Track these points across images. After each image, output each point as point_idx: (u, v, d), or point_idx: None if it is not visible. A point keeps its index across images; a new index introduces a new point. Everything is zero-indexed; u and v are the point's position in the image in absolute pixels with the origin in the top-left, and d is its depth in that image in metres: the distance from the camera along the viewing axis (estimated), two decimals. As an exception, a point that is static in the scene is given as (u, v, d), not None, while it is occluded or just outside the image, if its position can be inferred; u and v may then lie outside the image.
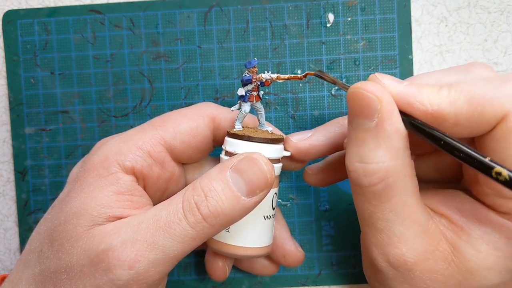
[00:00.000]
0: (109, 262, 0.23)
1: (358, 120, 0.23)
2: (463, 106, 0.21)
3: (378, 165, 0.22)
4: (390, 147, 0.22)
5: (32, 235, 0.27)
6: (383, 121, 0.22)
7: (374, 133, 0.22)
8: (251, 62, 0.27)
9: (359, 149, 0.23)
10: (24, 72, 0.37)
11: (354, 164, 0.23)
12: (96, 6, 0.37)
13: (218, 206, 0.24)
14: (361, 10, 0.36)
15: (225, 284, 0.37)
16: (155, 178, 0.27)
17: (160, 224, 0.24)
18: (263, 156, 0.25)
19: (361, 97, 0.22)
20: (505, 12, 0.36)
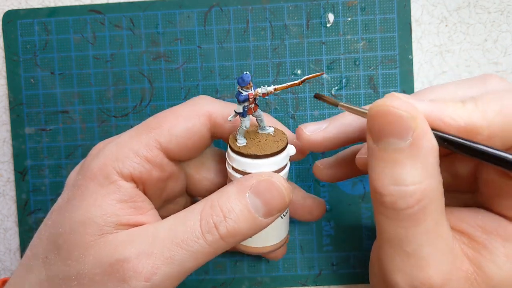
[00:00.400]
0: (124, 273, 0.23)
1: (387, 140, 0.21)
2: (495, 117, 0.21)
3: (416, 186, 0.21)
4: (426, 166, 0.21)
5: (33, 241, 0.27)
6: (419, 140, 0.21)
7: (409, 153, 0.21)
8: (244, 80, 0.25)
9: (392, 171, 0.21)
10: (24, 72, 0.37)
11: (389, 188, 0.21)
12: (96, 6, 0.37)
13: (236, 227, 0.24)
14: (361, 10, 0.36)
15: (225, 284, 0.37)
16: (154, 181, 0.27)
17: (177, 240, 0.24)
18: (282, 178, 0.25)
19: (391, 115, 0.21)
20: (505, 12, 0.36)
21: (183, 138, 0.27)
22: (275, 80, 0.36)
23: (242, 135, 0.26)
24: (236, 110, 0.25)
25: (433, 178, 0.21)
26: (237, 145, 0.26)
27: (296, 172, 0.37)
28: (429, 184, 0.21)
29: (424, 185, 0.21)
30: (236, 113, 0.26)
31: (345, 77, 0.36)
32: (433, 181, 0.21)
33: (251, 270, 0.37)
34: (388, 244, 0.23)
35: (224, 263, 0.37)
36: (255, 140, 0.27)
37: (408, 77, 0.36)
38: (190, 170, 0.31)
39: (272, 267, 0.37)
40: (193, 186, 0.31)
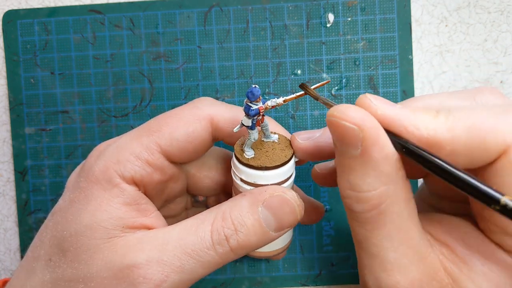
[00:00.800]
0: (134, 279, 0.23)
1: (342, 147, 0.21)
2: (461, 134, 0.20)
3: (370, 193, 0.21)
4: (379, 173, 0.21)
5: (34, 243, 0.27)
6: (368, 149, 0.21)
7: (360, 161, 0.21)
8: (254, 94, 0.24)
9: (348, 176, 0.22)
10: (24, 72, 0.37)
11: (346, 191, 0.22)
12: (96, 6, 0.37)
13: (247, 240, 0.24)
14: (361, 10, 0.36)
15: (225, 284, 0.37)
16: (155, 183, 0.27)
17: (187, 250, 0.24)
18: (295, 195, 0.26)
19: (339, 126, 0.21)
20: (505, 12, 0.36)
21: (184, 142, 0.27)
22: (275, 80, 0.36)
23: (249, 147, 0.26)
24: (244, 123, 0.25)
25: (389, 184, 0.21)
26: (246, 157, 0.26)
27: (296, 172, 0.37)
28: (384, 191, 0.21)
29: (379, 192, 0.21)
30: (242, 125, 0.25)
31: (345, 77, 0.36)
32: (389, 187, 0.21)
33: (251, 270, 0.37)
34: (357, 245, 0.23)
35: (224, 263, 0.37)
36: (262, 151, 0.27)
37: (408, 77, 0.36)
38: (191, 169, 0.31)
39: (272, 267, 0.37)
40: (194, 185, 0.31)
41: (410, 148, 0.21)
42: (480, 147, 0.20)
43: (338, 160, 0.22)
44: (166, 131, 0.27)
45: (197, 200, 0.34)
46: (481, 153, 0.20)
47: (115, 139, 0.28)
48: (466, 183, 0.19)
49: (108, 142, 0.29)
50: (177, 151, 0.27)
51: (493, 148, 0.20)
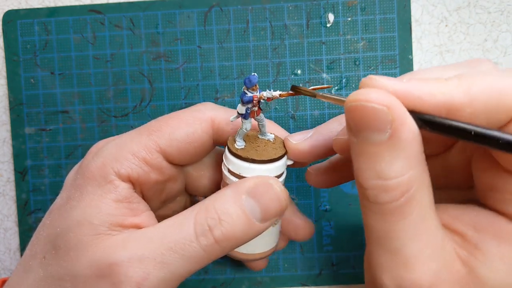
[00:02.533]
0: (115, 277, 0.23)
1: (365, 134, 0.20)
2: (478, 94, 0.19)
3: (399, 179, 0.20)
4: (408, 156, 0.20)
5: (32, 240, 0.27)
6: (398, 131, 0.19)
7: (388, 145, 0.20)
8: (251, 80, 0.24)
9: (373, 165, 0.20)
10: (24, 72, 0.37)
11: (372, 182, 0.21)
12: (96, 6, 0.37)
13: (232, 231, 0.24)
14: (361, 10, 0.36)
15: (225, 284, 0.37)
16: (152, 183, 0.27)
17: (170, 244, 0.23)
18: (278, 182, 0.25)
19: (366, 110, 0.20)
20: (505, 12, 0.36)
21: (183, 143, 0.27)
22: (275, 80, 0.36)
23: (241, 137, 0.26)
24: (238, 111, 0.25)
25: (416, 168, 0.20)
26: (235, 147, 0.26)
27: (297, 173, 0.37)
28: (413, 175, 0.20)
29: (408, 176, 0.20)
30: (238, 114, 0.25)
31: (345, 77, 0.36)
32: (417, 171, 0.20)
33: (251, 270, 0.37)
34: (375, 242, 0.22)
35: (224, 263, 0.37)
36: (254, 145, 0.26)
37: (408, 77, 0.36)
38: (188, 168, 0.30)
39: (272, 267, 0.37)
40: (191, 185, 0.31)
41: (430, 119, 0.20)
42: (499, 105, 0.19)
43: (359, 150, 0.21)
44: (166, 131, 0.27)
45: (197, 200, 0.34)
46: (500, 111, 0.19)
47: (115, 137, 0.28)
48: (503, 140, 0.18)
49: (107, 140, 0.28)
50: (176, 151, 0.27)
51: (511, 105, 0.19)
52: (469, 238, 0.22)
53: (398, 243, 0.21)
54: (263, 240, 0.28)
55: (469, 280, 0.21)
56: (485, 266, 0.21)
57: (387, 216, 0.21)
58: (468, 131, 0.19)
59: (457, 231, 0.22)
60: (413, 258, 0.21)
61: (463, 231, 0.22)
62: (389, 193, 0.20)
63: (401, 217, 0.21)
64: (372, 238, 0.22)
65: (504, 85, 0.19)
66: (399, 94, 0.20)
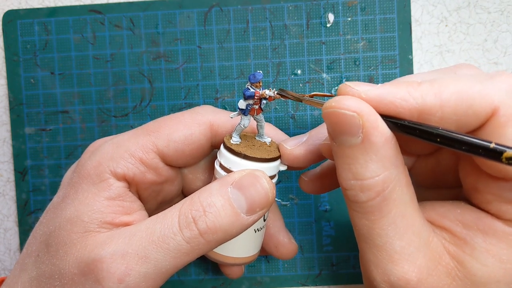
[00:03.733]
0: (97, 274, 0.23)
1: (341, 138, 0.21)
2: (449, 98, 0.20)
3: (374, 180, 0.21)
4: (381, 158, 0.21)
5: (29, 239, 0.27)
6: (369, 135, 0.21)
7: (362, 149, 0.21)
8: (256, 76, 0.25)
9: (350, 166, 0.22)
10: (24, 72, 0.37)
11: (349, 182, 0.22)
12: (96, 6, 0.37)
13: (217, 222, 0.23)
14: (361, 10, 0.36)
15: (225, 284, 0.37)
16: (148, 184, 0.27)
17: (153, 237, 0.23)
18: (265, 174, 0.25)
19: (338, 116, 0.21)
20: (505, 12, 0.36)
21: (181, 144, 0.27)
22: (275, 80, 0.36)
23: (238, 134, 0.26)
24: (239, 106, 0.26)
25: (391, 169, 0.21)
26: (230, 142, 0.26)
27: (296, 173, 0.37)
28: (387, 176, 0.21)
29: (382, 177, 0.21)
30: (239, 110, 0.26)
31: (345, 77, 0.36)
32: (392, 172, 0.21)
33: (251, 270, 0.37)
34: (361, 239, 0.23)
35: (224, 263, 0.37)
36: (249, 143, 0.27)
37: (408, 77, 0.36)
38: (186, 171, 0.30)
39: (272, 267, 0.37)
40: (187, 187, 0.31)
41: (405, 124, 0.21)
42: (469, 110, 0.20)
43: (338, 153, 0.22)
44: (164, 132, 0.27)
45: None
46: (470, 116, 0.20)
47: (112, 136, 0.28)
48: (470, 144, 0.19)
49: (104, 139, 0.28)
50: (173, 153, 0.27)
51: (482, 110, 0.20)
52: (458, 233, 0.22)
53: (381, 240, 0.22)
54: (244, 244, 0.28)
55: (458, 273, 0.22)
56: (474, 259, 0.22)
57: (367, 214, 0.22)
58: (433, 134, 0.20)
59: (445, 228, 0.23)
60: (397, 254, 0.22)
61: (451, 227, 0.23)
62: (365, 192, 0.21)
63: (380, 215, 0.22)
64: (359, 236, 0.23)
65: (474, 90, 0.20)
66: (372, 100, 0.21)
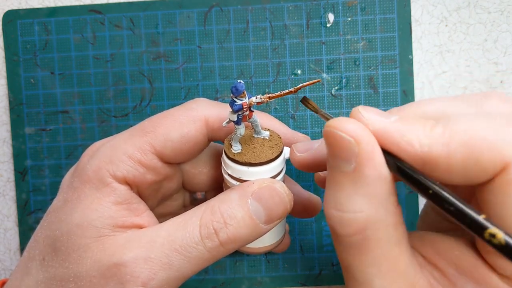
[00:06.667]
0: (121, 277, 0.23)
1: (335, 161, 0.20)
2: (457, 149, 0.18)
3: (356, 215, 0.20)
4: (370, 194, 0.20)
5: (30, 243, 0.27)
6: (362, 166, 0.19)
7: (352, 178, 0.20)
8: (238, 89, 0.24)
9: (335, 193, 0.20)
10: (24, 72, 0.37)
11: (330, 211, 0.21)
12: (96, 6, 0.37)
13: (237, 233, 0.24)
14: (361, 10, 0.36)
15: (225, 284, 0.37)
16: (148, 184, 0.27)
17: (175, 245, 0.24)
18: (283, 185, 0.25)
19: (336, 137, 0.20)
20: (505, 12, 0.36)
21: (178, 143, 0.27)
22: (275, 80, 0.36)
23: (237, 142, 0.26)
24: (230, 119, 0.25)
25: (379, 208, 0.20)
26: (232, 152, 0.26)
27: (296, 172, 0.37)
28: (371, 215, 0.20)
29: (366, 214, 0.20)
30: (230, 120, 0.25)
31: (345, 77, 0.36)
32: (378, 212, 0.20)
33: (251, 270, 0.37)
34: (344, 270, 0.22)
35: (224, 263, 0.37)
36: (250, 146, 0.26)
37: (408, 77, 0.36)
38: (185, 165, 0.30)
39: (272, 267, 0.37)
40: (189, 181, 0.31)
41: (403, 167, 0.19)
42: (477, 164, 0.18)
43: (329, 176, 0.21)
44: (160, 132, 0.26)
45: (196, 197, 0.34)
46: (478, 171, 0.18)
47: (109, 138, 0.28)
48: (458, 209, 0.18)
49: (102, 141, 0.28)
50: (171, 152, 0.27)
51: (491, 166, 0.18)
52: (449, 276, 0.21)
53: (362, 277, 0.21)
54: (271, 233, 0.28)
55: None
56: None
57: (347, 248, 0.21)
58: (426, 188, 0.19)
59: (439, 267, 0.22)
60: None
61: (444, 268, 0.22)
62: (344, 227, 0.20)
63: (359, 252, 0.20)
64: (342, 266, 0.22)
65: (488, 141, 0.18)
66: (379, 134, 0.20)
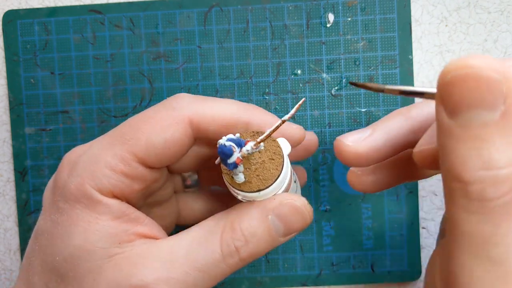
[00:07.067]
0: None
1: (471, 113, 0.17)
2: None
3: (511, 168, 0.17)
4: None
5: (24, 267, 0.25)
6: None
7: (500, 126, 0.16)
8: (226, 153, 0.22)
9: (480, 152, 0.17)
10: (24, 72, 0.37)
11: (477, 173, 0.17)
12: (96, 6, 0.37)
13: (257, 249, 0.24)
14: (361, 10, 0.36)
15: (225, 284, 0.37)
16: (136, 192, 0.26)
17: (197, 265, 0.23)
18: (305, 201, 0.25)
19: (475, 78, 0.16)
20: (505, 12, 0.36)
21: (161, 149, 0.25)
22: (275, 80, 0.36)
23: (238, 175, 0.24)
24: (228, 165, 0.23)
25: None
26: (237, 183, 0.24)
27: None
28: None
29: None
30: None
31: (345, 77, 0.36)
32: None
33: (251, 270, 0.37)
34: (467, 251, 0.18)
35: (224, 263, 0.37)
36: (252, 170, 0.24)
37: (408, 77, 0.36)
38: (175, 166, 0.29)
39: (272, 267, 0.37)
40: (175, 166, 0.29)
41: None
42: None
43: (460, 135, 0.17)
44: (141, 138, 0.24)
45: (187, 184, 0.33)
46: None
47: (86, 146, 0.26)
48: None
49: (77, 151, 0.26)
50: (155, 158, 0.25)
51: None
52: None
53: (502, 250, 0.17)
54: None
55: None
56: None
57: (492, 215, 0.17)
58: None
59: None
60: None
61: None
62: (499, 186, 0.17)
63: (505, 218, 0.17)
64: (464, 247, 0.18)
65: None
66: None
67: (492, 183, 0.17)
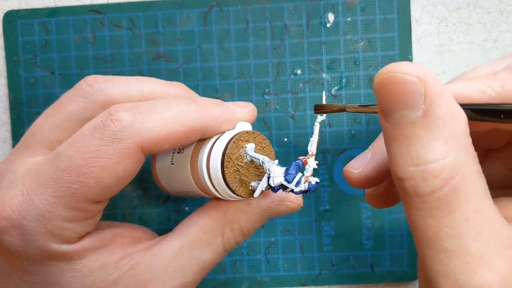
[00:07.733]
0: None
1: (398, 114, 0.18)
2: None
3: (440, 163, 0.17)
4: (448, 136, 0.17)
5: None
6: (433, 106, 0.17)
7: (424, 124, 0.17)
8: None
9: (408, 149, 0.18)
10: (24, 72, 0.37)
11: (408, 170, 0.18)
12: (96, 6, 0.37)
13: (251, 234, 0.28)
14: (361, 10, 0.36)
15: (225, 284, 0.37)
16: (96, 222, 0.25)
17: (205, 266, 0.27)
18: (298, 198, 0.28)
19: (396, 82, 0.17)
20: (505, 12, 0.36)
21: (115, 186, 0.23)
22: (275, 80, 0.36)
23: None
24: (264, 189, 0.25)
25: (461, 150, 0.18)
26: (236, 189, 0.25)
27: (296, 172, 0.37)
28: (455, 159, 0.17)
29: (450, 159, 0.17)
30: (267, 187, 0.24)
31: (345, 77, 0.36)
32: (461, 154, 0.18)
33: (251, 270, 0.37)
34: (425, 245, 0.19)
35: (224, 263, 0.37)
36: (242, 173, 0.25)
37: (408, 77, 0.36)
38: None
39: (272, 267, 0.37)
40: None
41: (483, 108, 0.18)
42: None
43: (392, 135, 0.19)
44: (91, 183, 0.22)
45: None
46: None
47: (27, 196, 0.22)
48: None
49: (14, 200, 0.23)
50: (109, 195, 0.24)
51: None
52: None
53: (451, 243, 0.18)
54: None
55: None
56: None
57: (432, 210, 0.18)
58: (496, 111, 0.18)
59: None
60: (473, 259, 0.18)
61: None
62: (429, 181, 0.18)
63: (449, 210, 0.18)
64: (422, 240, 0.19)
65: None
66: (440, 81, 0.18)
67: (423, 178, 0.18)
